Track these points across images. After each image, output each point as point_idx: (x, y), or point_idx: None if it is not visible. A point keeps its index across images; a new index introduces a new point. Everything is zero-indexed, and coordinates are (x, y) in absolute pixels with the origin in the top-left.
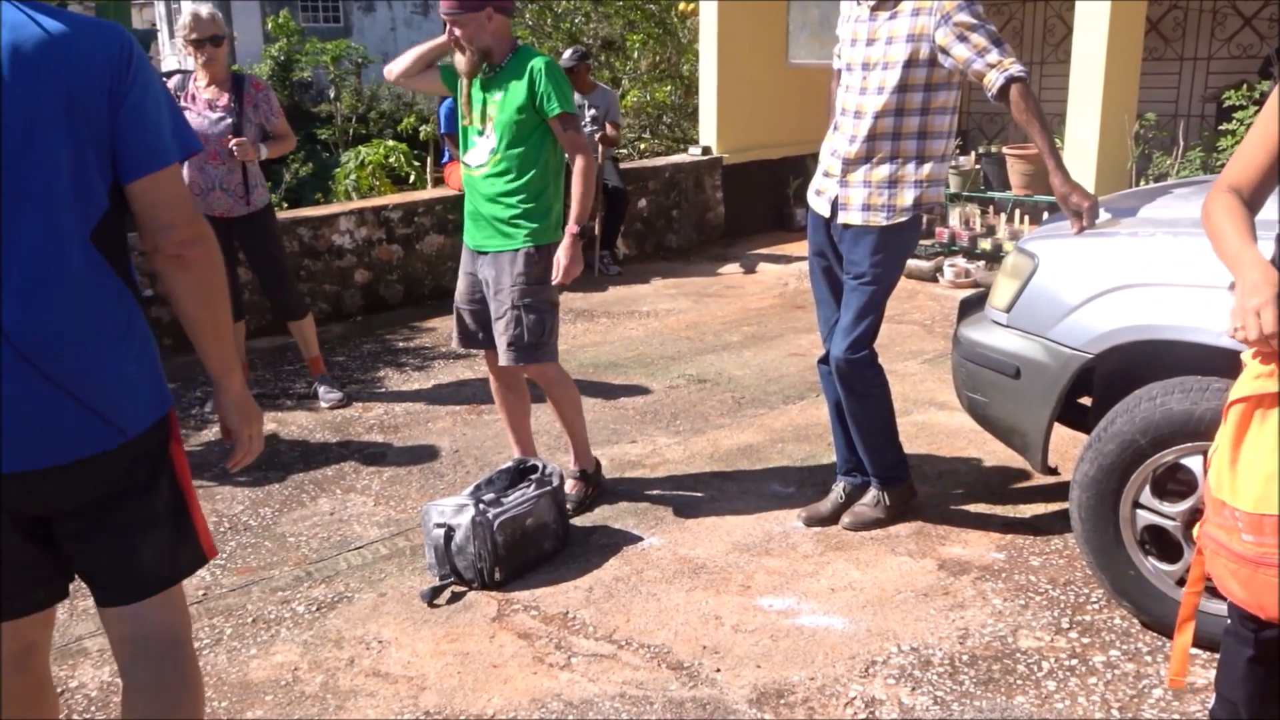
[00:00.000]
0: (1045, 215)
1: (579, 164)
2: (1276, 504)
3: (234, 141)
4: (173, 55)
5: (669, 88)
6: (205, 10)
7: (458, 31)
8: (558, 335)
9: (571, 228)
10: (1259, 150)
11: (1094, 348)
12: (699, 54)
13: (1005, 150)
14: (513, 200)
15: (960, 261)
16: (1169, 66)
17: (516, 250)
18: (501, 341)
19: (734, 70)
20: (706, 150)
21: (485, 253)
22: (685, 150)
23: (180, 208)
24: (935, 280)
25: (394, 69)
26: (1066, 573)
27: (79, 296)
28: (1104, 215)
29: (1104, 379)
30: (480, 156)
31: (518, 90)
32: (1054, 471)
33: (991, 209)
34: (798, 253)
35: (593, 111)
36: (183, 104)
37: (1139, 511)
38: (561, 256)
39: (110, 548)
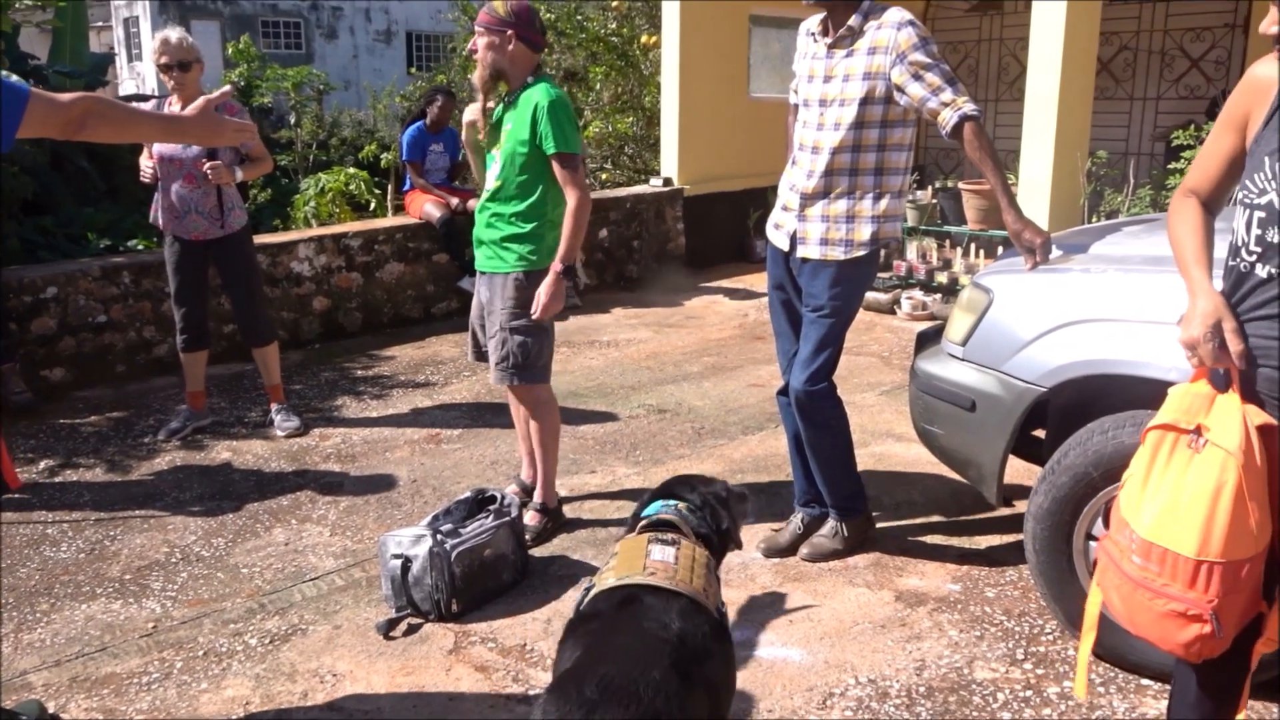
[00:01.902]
0: (1000, 250)
1: (572, 202)
2: (1166, 536)
3: (208, 165)
4: (130, 80)
5: (631, 119)
6: (175, 35)
7: (480, 43)
8: (549, 358)
9: (556, 265)
10: (1213, 160)
11: (1047, 381)
12: (661, 86)
13: (961, 185)
14: (506, 225)
15: (917, 294)
16: (1120, 106)
17: (508, 274)
18: (492, 360)
19: (695, 102)
20: (668, 181)
21: (484, 273)
22: (647, 181)
23: None
24: (893, 312)
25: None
26: (1021, 604)
27: None
28: (1056, 252)
29: (1057, 412)
30: (490, 180)
31: (522, 123)
32: (1009, 503)
33: (948, 243)
34: (758, 284)
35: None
36: None
37: (1092, 543)
38: (542, 292)
39: None
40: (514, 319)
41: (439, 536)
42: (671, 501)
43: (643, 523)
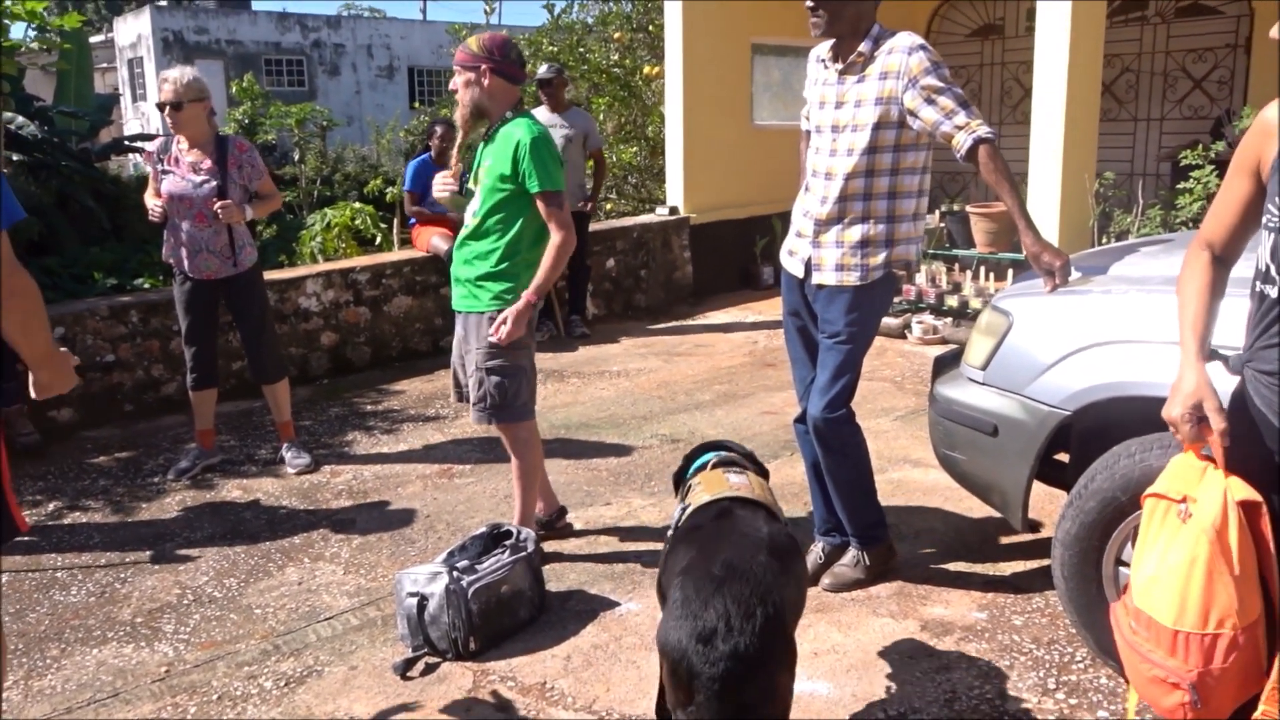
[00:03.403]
0: (1010, 273)
1: (557, 239)
2: (1150, 603)
3: (218, 204)
4: (135, 120)
5: (635, 149)
6: (175, 73)
7: (458, 81)
8: (531, 397)
9: (529, 295)
10: (1228, 210)
11: (1071, 405)
12: (664, 116)
13: (969, 208)
14: (482, 263)
15: (928, 318)
16: (1124, 127)
17: (483, 313)
18: (471, 400)
19: (700, 131)
20: (674, 210)
21: (460, 312)
22: (652, 210)
23: (6, 265)
24: (904, 337)
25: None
26: (1050, 631)
27: None
28: (1075, 273)
29: (1081, 435)
30: (468, 216)
31: (502, 160)
32: (1035, 529)
33: (957, 266)
34: (766, 310)
35: (568, 131)
36: (165, 167)
37: (1122, 569)
38: (508, 315)
39: None
40: (490, 359)
41: (455, 573)
42: (719, 450)
43: (711, 461)
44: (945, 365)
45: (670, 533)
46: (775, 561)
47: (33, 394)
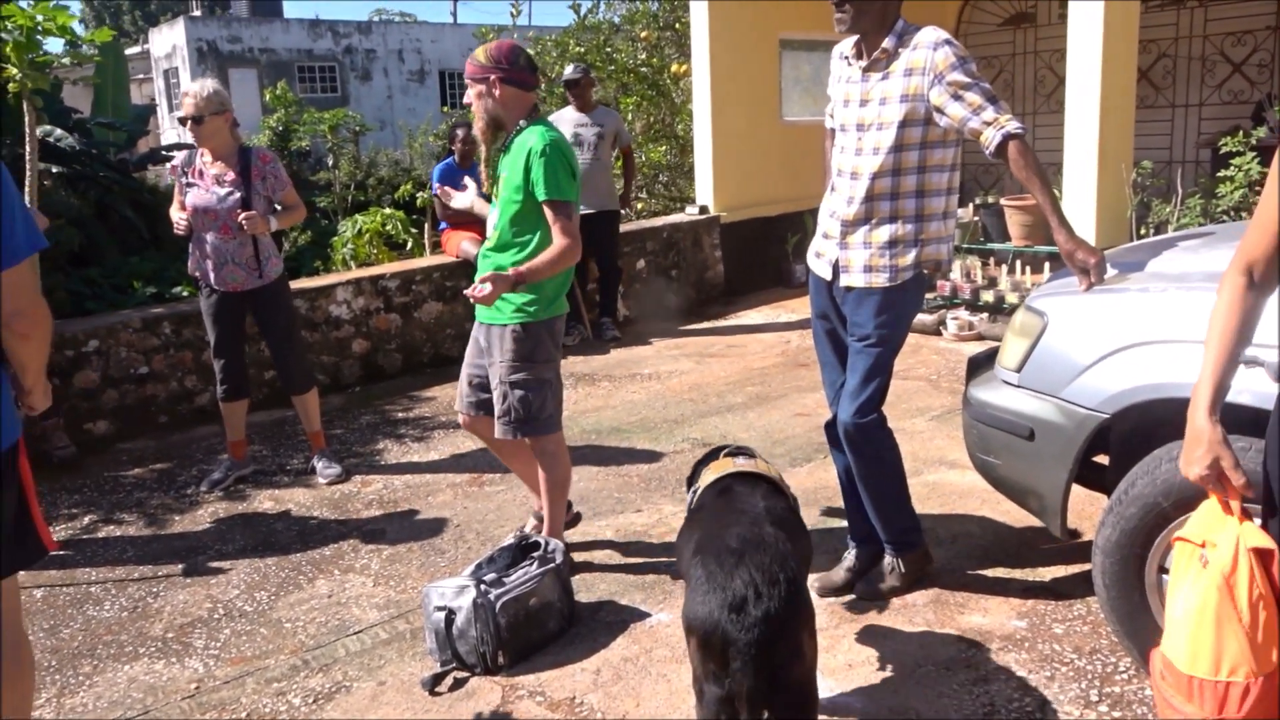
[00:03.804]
0: (1047, 266)
1: (561, 244)
2: (1169, 647)
3: (243, 215)
4: (172, 129)
5: (664, 148)
6: (195, 87)
7: (471, 94)
8: (558, 406)
9: (515, 270)
10: (1265, 229)
11: (1110, 407)
12: (692, 114)
13: (1003, 201)
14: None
15: (963, 314)
16: (1161, 114)
17: (505, 326)
18: (496, 413)
19: (728, 129)
20: (704, 209)
21: (482, 323)
22: (682, 209)
23: (28, 295)
24: (939, 334)
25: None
26: (1092, 640)
27: None
28: (1110, 270)
29: (1120, 438)
30: (489, 228)
31: (517, 170)
32: (1075, 536)
33: (992, 260)
34: (798, 309)
35: (599, 130)
36: (189, 180)
37: (1165, 577)
38: (491, 278)
39: None
40: (513, 372)
41: (483, 586)
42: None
43: (723, 453)
44: (980, 366)
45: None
46: (780, 530)
47: (25, 412)
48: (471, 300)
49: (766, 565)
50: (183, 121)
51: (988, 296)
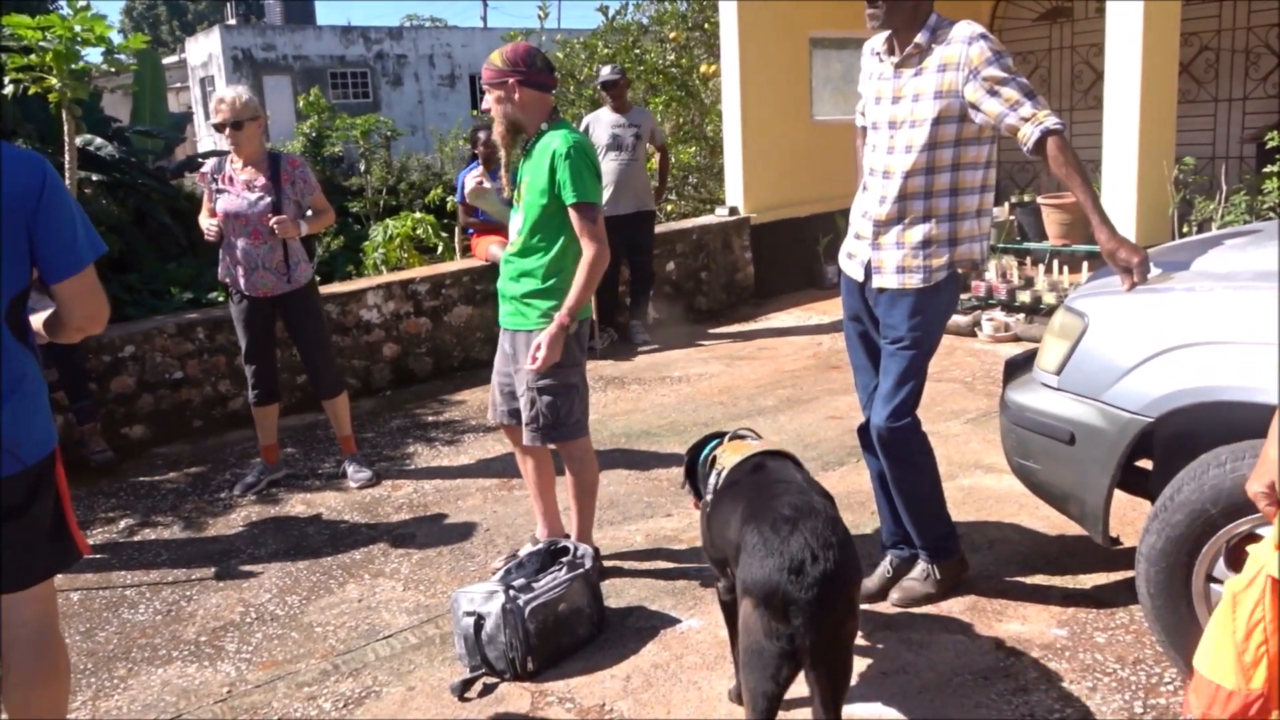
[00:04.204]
0: (1085, 265)
1: (589, 253)
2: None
3: (274, 220)
4: (208, 137)
5: (694, 149)
6: (230, 94)
7: (489, 99)
8: (584, 411)
9: (562, 316)
10: None
11: (1154, 411)
12: (722, 115)
13: (1040, 200)
14: (528, 280)
15: (999, 315)
16: (1204, 109)
17: (531, 331)
18: (523, 420)
19: (758, 129)
20: (734, 210)
21: (508, 330)
22: (712, 211)
23: (97, 299)
24: (974, 335)
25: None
26: (1135, 650)
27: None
28: (1154, 270)
29: (1164, 442)
30: (511, 233)
31: (540, 173)
32: (1116, 542)
33: (1028, 260)
34: (829, 311)
35: (636, 130)
36: (220, 186)
37: (1213, 586)
38: (542, 341)
39: (11, 544)
40: (540, 378)
41: (511, 592)
42: (720, 436)
43: (727, 436)
44: (1017, 369)
45: (708, 496)
46: (825, 498)
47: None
48: (533, 366)
49: (820, 529)
50: (220, 128)
51: (1024, 297)
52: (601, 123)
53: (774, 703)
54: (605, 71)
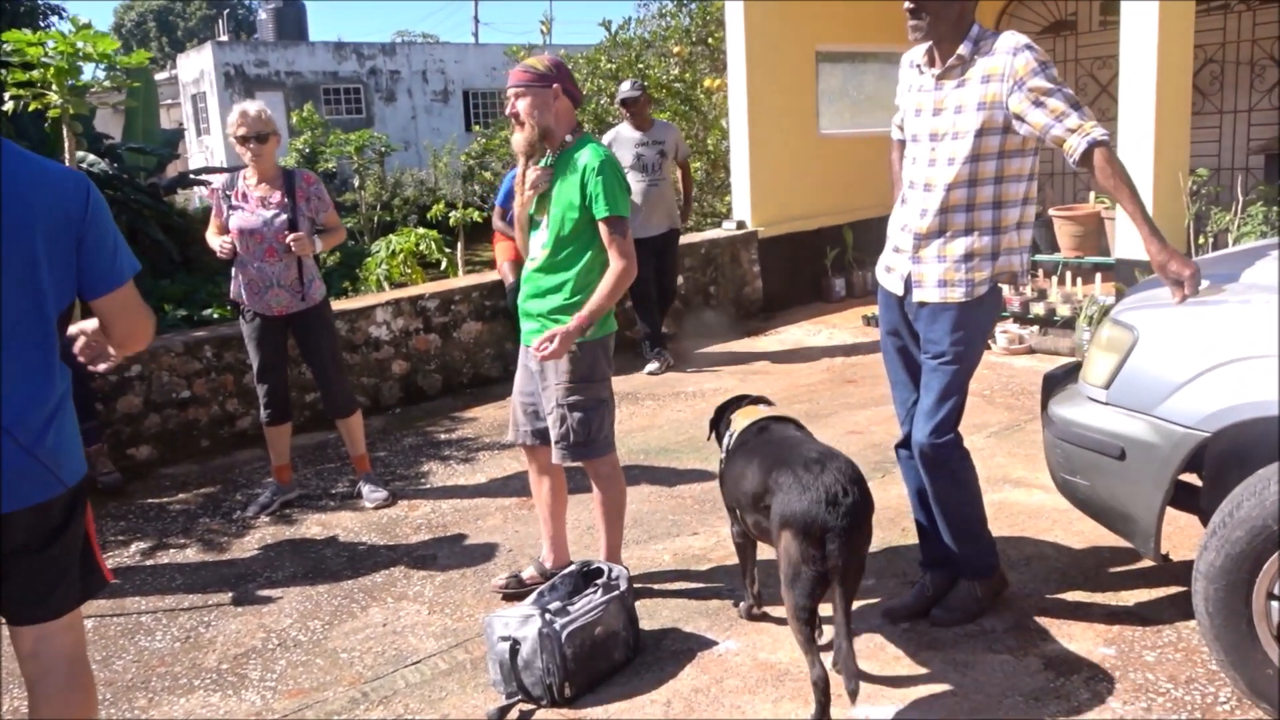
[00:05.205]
0: (1097, 278)
1: (618, 266)
2: None
3: (291, 237)
4: (200, 153)
5: (696, 164)
6: (254, 108)
7: (521, 105)
8: (611, 429)
9: (581, 317)
10: None
11: (1209, 426)
12: (725, 129)
13: (1052, 212)
14: (555, 295)
15: (1013, 328)
16: (1209, 120)
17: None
18: (552, 438)
19: (765, 142)
20: (741, 224)
21: (532, 347)
22: (717, 225)
23: (139, 311)
24: (988, 347)
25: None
26: (1187, 668)
27: (42, 377)
28: (1204, 282)
29: (1216, 457)
30: (535, 248)
31: (571, 186)
32: (1166, 559)
33: (1041, 272)
34: (840, 323)
35: (660, 146)
36: (234, 202)
37: (1274, 604)
38: (556, 333)
39: (40, 570)
40: (570, 394)
41: (547, 615)
42: (741, 400)
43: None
44: (1056, 383)
45: (723, 455)
46: (831, 446)
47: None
48: (537, 359)
49: (844, 469)
50: (244, 140)
51: (1038, 309)
52: (623, 141)
53: (813, 614)
54: (625, 87)
